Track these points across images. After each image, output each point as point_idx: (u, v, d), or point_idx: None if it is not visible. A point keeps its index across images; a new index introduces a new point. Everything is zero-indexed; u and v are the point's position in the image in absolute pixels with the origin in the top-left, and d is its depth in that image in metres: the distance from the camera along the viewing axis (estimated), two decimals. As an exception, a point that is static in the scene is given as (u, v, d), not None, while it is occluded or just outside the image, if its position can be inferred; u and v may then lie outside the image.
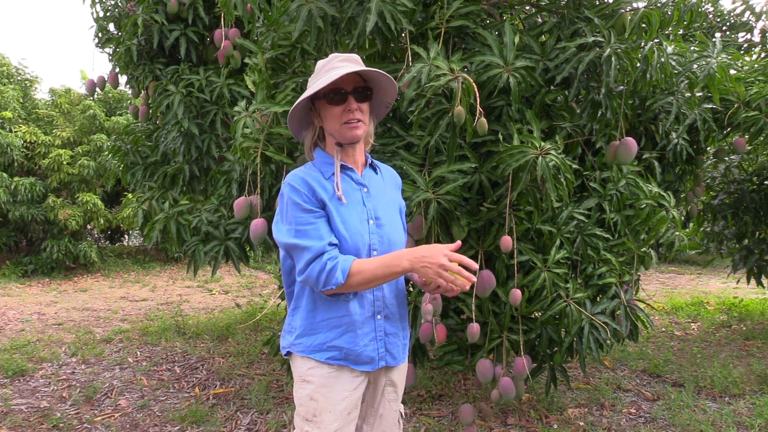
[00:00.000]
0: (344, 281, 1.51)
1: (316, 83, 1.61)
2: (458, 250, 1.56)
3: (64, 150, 9.10)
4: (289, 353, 1.71)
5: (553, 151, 2.30)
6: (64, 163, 9.01)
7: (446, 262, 1.45)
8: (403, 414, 1.85)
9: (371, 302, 1.64)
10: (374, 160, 1.79)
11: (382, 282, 1.54)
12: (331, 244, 1.55)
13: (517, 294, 2.51)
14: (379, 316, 1.65)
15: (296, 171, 1.65)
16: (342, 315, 1.61)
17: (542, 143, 2.33)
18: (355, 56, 1.68)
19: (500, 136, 2.57)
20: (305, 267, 1.53)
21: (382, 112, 1.77)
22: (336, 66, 1.62)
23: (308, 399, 1.62)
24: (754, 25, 4.94)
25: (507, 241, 2.45)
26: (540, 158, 2.28)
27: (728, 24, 5.00)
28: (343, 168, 1.66)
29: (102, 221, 9.35)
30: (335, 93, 1.60)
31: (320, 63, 1.67)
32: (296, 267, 1.57)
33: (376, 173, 1.76)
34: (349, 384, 1.64)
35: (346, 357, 1.62)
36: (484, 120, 2.24)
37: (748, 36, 4.99)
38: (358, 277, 1.51)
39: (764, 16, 4.86)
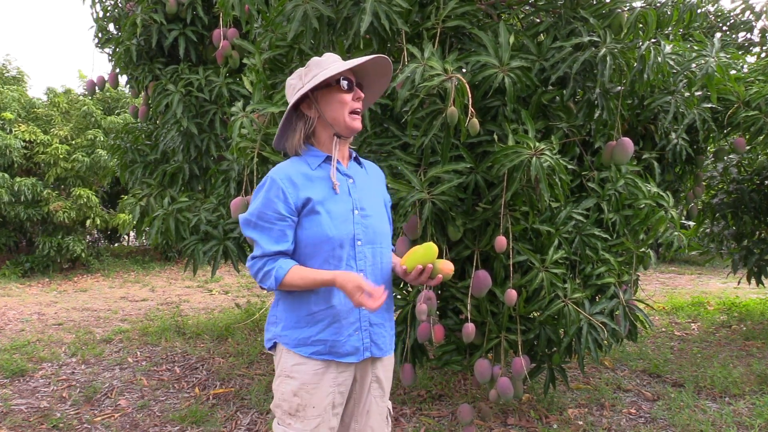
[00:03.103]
0: (276, 287, 1.60)
1: (333, 68, 1.64)
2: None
3: (61, 144, 9.13)
4: (274, 345, 1.70)
5: (547, 152, 2.30)
6: (61, 157, 9.03)
7: (362, 283, 1.53)
8: (391, 411, 1.84)
9: None
10: (358, 155, 1.84)
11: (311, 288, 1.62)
12: (278, 252, 1.61)
13: (512, 294, 2.51)
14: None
15: (283, 166, 1.67)
16: (327, 307, 1.62)
17: (537, 143, 2.33)
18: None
19: (495, 137, 2.57)
20: (250, 260, 1.64)
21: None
22: (336, 61, 1.68)
23: (292, 395, 1.63)
24: (754, 24, 4.92)
25: (501, 242, 2.45)
26: (534, 158, 2.28)
27: (728, 24, 4.99)
28: (331, 160, 1.70)
29: (99, 221, 9.35)
30: (347, 80, 1.67)
31: (318, 59, 1.71)
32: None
33: (361, 167, 1.80)
34: (334, 380, 1.65)
35: (331, 350, 1.62)
36: (475, 120, 2.25)
37: (748, 36, 4.98)
38: (290, 286, 1.60)
39: (764, 15, 4.84)
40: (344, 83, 1.66)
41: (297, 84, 1.70)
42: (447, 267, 1.66)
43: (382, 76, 1.79)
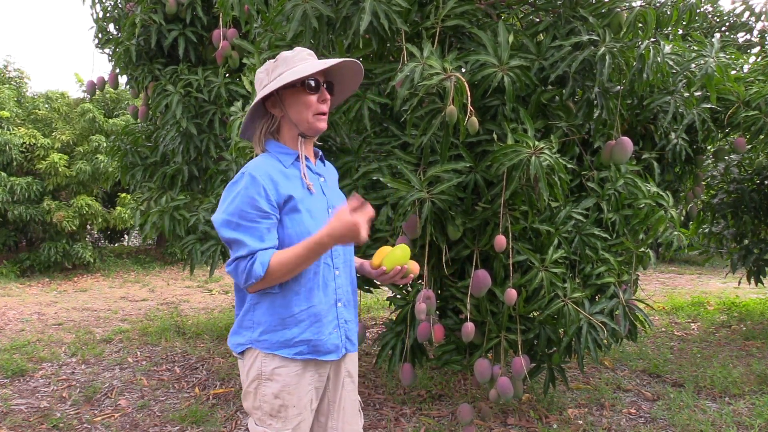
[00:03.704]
0: (264, 274, 1.51)
1: (298, 68, 1.61)
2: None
3: (59, 155, 9.12)
4: (247, 350, 1.65)
5: (546, 151, 2.30)
6: (61, 167, 9.02)
7: (358, 219, 1.49)
8: (361, 403, 1.87)
9: (333, 290, 1.68)
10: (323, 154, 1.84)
11: (306, 265, 1.55)
12: (265, 249, 1.54)
13: (512, 294, 2.51)
14: (339, 304, 1.69)
15: (258, 162, 1.62)
16: (308, 307, 1.61)
17: (536, 142, 2.33)
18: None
19: (495, 136, 2.58)
20: (232, 261, 1.54)
21: None
22: (306, 58, 1.65)
23: (273, 397, 1.61)
24: (753, 25, 4.92)
25: (501, 241, 2.45)
26: (533, 157, 2.28)
27: (728, 24, 4.99)
28: (306, 159, 1.70)
29: (100, 220, 9.36)
30: (315, 81, 1.64)
31: (287, 54, 1.67)
32: (229, 259, 1.57)
33: (324, 165, 1.81)
34: (312, 378, 1.66)
35: (313, 349, 1.62)
36: (474, 119, 2.25)
37: (748, 36, 4.97)
38: (278, 266, 1.52)
39: (764, 16, 4.84)
40: (310, 83, 1.63)
41: (264, 79, 1.67)
42: (416, 266, 1.78)
43: (353, 76, 1.77)
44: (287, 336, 1.60)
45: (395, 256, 1.72)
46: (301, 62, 1.64)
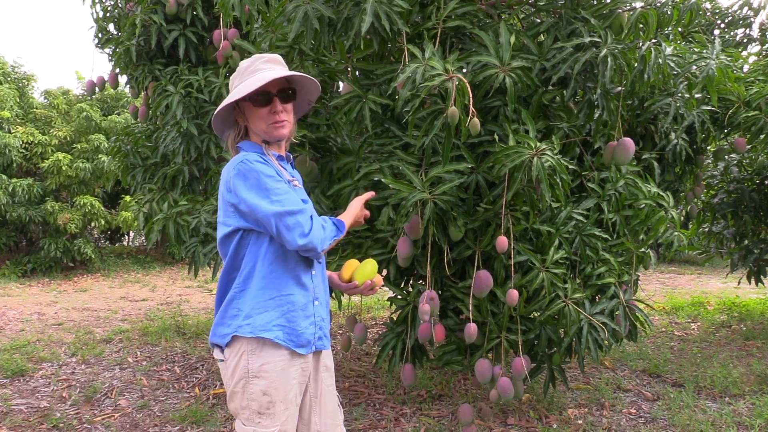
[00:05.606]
0: (343, 232, 1.76)
1: (241, 86, 1.67)
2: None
3: (63, 154, 9.11)
4: (232, 341, 1.66)
5: (548, 152, 2.30)
6: (64, 166, 9.01)
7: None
8: (340, 398, 1.91)
9: (311, 289, 1.74)
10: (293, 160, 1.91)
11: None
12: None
13: (513, 294, 2.51)
14: (317, 302, 1.75)
15: (248, 155, 1.66)
16: (288, 293, 1.67)
17: (538, 143, 2.34)
18: (278, 57, 1.76)
19: (496, 137, 2.58)
20: (302, 225, 1.61)
21: (303, 109, 1.88)
22: (260, 68, 1.69)
23: (261, 394, 1.64)
24: (752, 20, 4.93)
25: (502, 242, 2.45)
26: (535, 158, 2.28)
27: (727, 20, 4.99)
28: (279, 158, 1.76)
29: (102, 222, 9.35)
30: (261, 95, 1.67)
31: (243, 64, 1.73)
32: (290, 233, 1.60)
33: (294, 169, 1.87)
34: (296, 373, 1.70)
35: (289, 337, 1.66)
36: (476, 120, 2.25)
37: (747, 32, 4.98)
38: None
39: (762, 11, 4.86)
40: (257, 99, 1.67)
41: (233, 82, 1.74)
42: (380, 280, 1.88)
43: (310, 84, 1.79)
44: (266, 319, 1.64)
45: (366, 270, 1.81)
46: (252, 74, 1.68)
